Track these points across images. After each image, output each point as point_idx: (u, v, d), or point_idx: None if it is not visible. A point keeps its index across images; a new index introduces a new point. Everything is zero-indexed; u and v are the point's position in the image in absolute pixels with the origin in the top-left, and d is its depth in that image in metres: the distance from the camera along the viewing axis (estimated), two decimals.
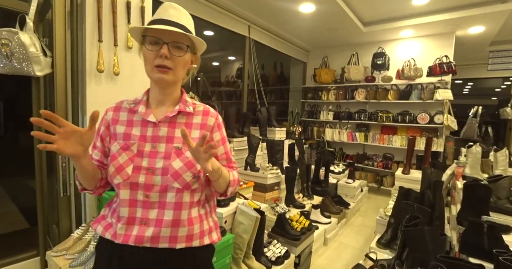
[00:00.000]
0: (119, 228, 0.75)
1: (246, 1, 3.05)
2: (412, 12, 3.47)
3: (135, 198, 0.74)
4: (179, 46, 0.75)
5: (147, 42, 0.74)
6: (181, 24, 0.76)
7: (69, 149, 0.65)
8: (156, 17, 0.76)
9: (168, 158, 0.75)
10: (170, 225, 0.75)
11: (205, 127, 0.82)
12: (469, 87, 8.29)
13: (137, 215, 0.75)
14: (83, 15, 1.44)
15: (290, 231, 1.88)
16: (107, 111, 0.83)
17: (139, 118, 0.79)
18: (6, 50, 1.16)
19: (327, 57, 4.76)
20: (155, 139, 0.77)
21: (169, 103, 0.81)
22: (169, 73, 0.75)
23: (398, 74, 4.04)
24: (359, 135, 4.36)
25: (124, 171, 0.74)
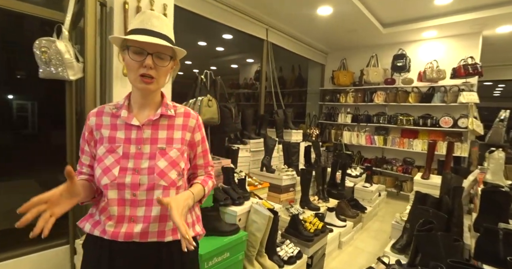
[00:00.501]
0: (109, 225, 0.78)
1: (264, 5, 3.11)
2: (435, 13, 3.38)
3: (123, 197, 0.78)
4: (162, 56, 0.77)
5: (131, 51, 0.75)
6: (164, 34, 0.77)
7: (66, 208, 0.68)
8: (139, 26, 0.76)
9: (153, 158, 0.79)
10: (157, 220, 0.79)
11: (187, 128, 0.86)
12: (500, 89, 7.86)
13: (125, 213, 0.78)
14: (111, 24, 1.56)
15: (303, 232, 1.90)
16: (89, 116, 0.84)
17: (122, 122, 0.81)
18: (45, 57, 1.29)
19: (345, 59, 4.72)
20: (139, 141, 0.80)
21: (150, 107, 0.84)
22: (153, 83, 0.77)
23: (420, 76, 3.93)
24: (378, 139, 4.28)
25: (110, 172, 0.77)
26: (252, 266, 1.55)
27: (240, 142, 2.76)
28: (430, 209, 1.54)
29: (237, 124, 2.35)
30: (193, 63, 6.18)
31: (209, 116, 1.93)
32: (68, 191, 0.68)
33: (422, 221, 1.37)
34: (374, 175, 4.23)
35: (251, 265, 1.55)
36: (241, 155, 2.59)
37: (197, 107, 1.89)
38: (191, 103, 1.96)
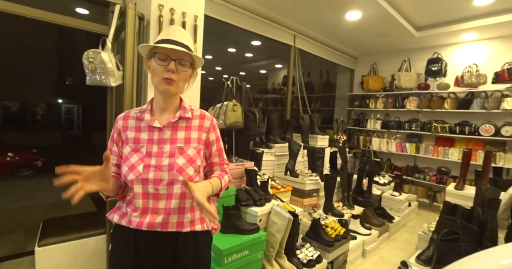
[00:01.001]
0: (134, 216, 0.87)
1: (291, 12, 3.17)
2: (475, 14, 3.19)
3: (147, 191, 0.87)
4: (183, 63, 0.88)
5: (157, 57, 0.86)
6: (185, 44, 0.89)
7: (94, 187, 0.76)
8: (165, 37, 0.89)
9: (172, 156, 0.88)
10: (176, 212, 0.88)
11: (202, 128, 0.95)
12: None
13: (149, 205, 0.87)
14: (147, 35, 1.73)
15: (323, 236, 1.91)
16: (117, 120, 0.95)
17: (145, 125, 0.92)
18: (92, 66, 1.47)
19: (376, 64, 4.61)
20: (160, 141, 0.90)
21: (170, 110, 0.94)
22: (173, 85, 0.88)
23: (457, 81, 3.71)
24: (410, 146, 4.09)
25: (136, 169, 0.86)
26: (271, 266, 1.59)
27: (265, 146, 2.82)
28: (458, 220, 1.48)
29: (261, 128, 2.42)
30: (223, 69, 6.40)
31: (234, 120, 2.02)
32: (100, 173, 0.77)
33: (447, 231, 1.32)
34: (404, 184, 4.04)
35: (270, 265, 1.59)
36: (265, 158, 2.65)
37: (223, 111, 1.99)
38: (218, 107, 2.07)
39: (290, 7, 3.03)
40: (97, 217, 2.08)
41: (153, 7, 1.68)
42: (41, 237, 1.69)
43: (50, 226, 1.85)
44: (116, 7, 1.60)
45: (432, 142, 4.03)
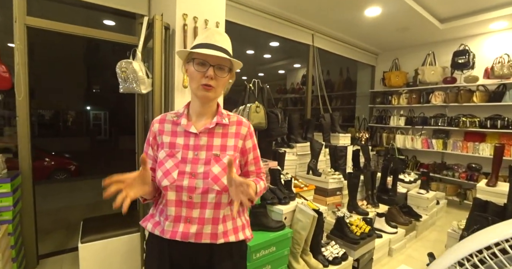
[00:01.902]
0: (167, 225, 0.85)
1: (309, 12, 3.19)
2: (504, 1, 3.04)
3: (180, 199, 0.84)
4: (222, 68, 0.84)
5: (195, 63, 0.83)
6: (225, 48, 0.85)
7: (138, 193, 0.77)
8: (204, 41, 0.85)
9: (208, 164, 0.85)
10: (210, 222, 0.85)
11: (239, 135, 0.92)
12: None
13: (182, 214, 0.84)
14: (173, 43, 1.82)
15: (348, 234, 1.91)
16: (153, 123, 0.93)
17: (181, 129, 0.89)
18: (124, 75, 1.59)
19: (397, 59, 4.49)
20: (196, 148, 0.87)
21: (207, 116, 0.91)
22: (211, 91, 0.84)
23: (487, 73, 3.55)
24: (436, 142, 3.95)
25: (170, 175, 0.83)
26: (297, 262, 1.63)
27: (287, 146, 2.85)
28: (490, 217, 1.44)
29: (283, 128, 2.46)
30: (242, 70, 6.48)
31: (257, 121, 2.08)
32: (140, 177, 0.77)
33: (477, 227, 1.29)
34: (432, 182, 3.91)
35: (296, 261, 1.63)
36: (288, 158, 2.69)
37: (246, 113, 2.05)
38: (241, 109, 2.14)
39: (308, 7, 3.04)
40: (130, 216, 2.21)
41: (178, 16, 1.78)
42: (82, 234, 1.84)
43: (90, 224, 2.00)
44: (144, 19, 1.71)
45: (460, 137, 3.87)
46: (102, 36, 2.10)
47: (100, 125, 15.62)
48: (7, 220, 1.74)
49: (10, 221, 1.75)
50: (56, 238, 2.70)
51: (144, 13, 2.37)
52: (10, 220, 1.75)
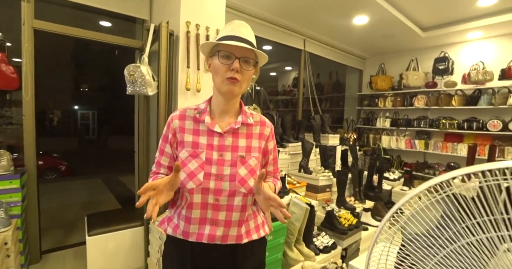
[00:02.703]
0: (192, 228, 0.83)
1: (301, 19, 3.37)
2: (479, 14, 3.31)
3: (206, 201, 0.82)
4: (248, 61, 0.81)
5: (221, 55, 0.80)
6: (250, 41, 0.83)
7: (166, 199, 0.76)
8: (229, 33, 0.82)
9: (234, 166, 0.83)
10: (237, 225, 0.84)
11: (262, 136, 0.91)
12: None
13: (207, 216, 0.83)
14: (177, 48, 1.95)
15: (337, 225, 2.09)
16: (172, 119, 0.87)
17: (204, 128, 0.85)
18: (132, 78, 1.71)
19: (384, 64, 4.74)
20: (221, 148, 0.84)
21: (231, 113, 0.88)
22: (237, 85, 0.81)
23: (464, 79, 3.82)
24: (419, 143, 4.21)
25: (196, 177, 0.80)
26: (291, 251, 1.78)
27: (280, 146, 3.01)
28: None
29: (278, 129, 2.62)
30: None
31: None
32: (171, 183, 0.74)
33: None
34: (415, 180, 4.16)
35: (290, 250, 1.79)
36: (281, 157, 2.85)
37: None
38: None
39: (300, 15, 3.22)
40: (132, 211, 2.32)
41: (182, 23, 1.91)
42: (89, 228, 1.94)
43: (94, 219, 2.10)
44: (151, 26, 1.83)
45: (441, 138, 4.14)
46: (106, 40, 2.21)
47: (88, 125, 15.38)
48: (16, 215, 1.83)
49: (19, 215, 1.84)
50: (55, 235, 2.77)
51: (145, 18, 2.49)
52: (19, 215, 1.84)
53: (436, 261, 0.51)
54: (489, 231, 0.44)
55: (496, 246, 0.44)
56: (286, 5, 2.96)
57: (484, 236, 0.45)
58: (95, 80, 13.20)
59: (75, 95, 13.50)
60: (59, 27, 2.01)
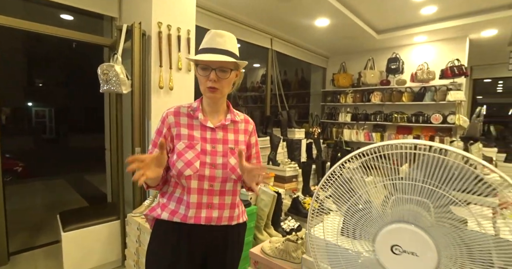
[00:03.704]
0: (190, 212, 0.92)
1: (268, 19, 3.54)
2: (423, 20, 3.74)
3: (202, 187, 0.93)
4: (224, 70, 0.90)
5: (199, 68, 0.91)
6: (226, 49, 0.90)
7: (153, 173, 0.82)
8: (205, 46, 0.91)
9: (225, 156, 0.95)
10: (229, 207, 0.97)
11: (247, 132, 1.05)
12: (501, 85, 8.07)
13: (203, 201, 0.93)
14: (149, 48, 2.03)
15: (302, 210, 2.33)
16: (168, 115, 0.97)
17: (198, 123, 0.97)
18: (106, 77, 1.76)
19: (345, 63, 5.11)
20: (214, 141, 0.96)
21: (219, 113, 1.01)
22: (217, 92, 0.92)
23: (412, 77, 4.29)
24: (376, 135, 4.65)
25: (193, 165, 0.90)
26: (261, 234, 1.98)
27: None
28: None
29: None
30: None
31: None
32: (158, 159, 0.83)
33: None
34: (373, 169, 4.59)
35: (260, 233, 1.98)
36: None
37: None
38: None
39: (267, 15, 3.40)
40: (106, 208, 2.36)
41: (154, 24, 1.98)
42: (63, 225, 1.96)
43: (68, 216, 2.11)
44: (124, 26, 1.88)
45: (393, 131, 4.61)
46: (73, 36, 2.19)
47: (44, 123, 14.29)
48: None
49: None
50: (21, 237, 2.70)
51: (114, 15, 2.49)
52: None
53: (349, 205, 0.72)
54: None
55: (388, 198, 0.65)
56: (254, 6, 3.11)
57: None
58: (51, 75, 12.30)
59: (29, 91, 12.46)
60: (22, 23, 1.96)
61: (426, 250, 0.55)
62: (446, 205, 0.57)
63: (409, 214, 0.60)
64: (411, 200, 0.60)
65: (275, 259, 1.31)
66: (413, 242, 0.57)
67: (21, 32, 1.91)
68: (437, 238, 0.55)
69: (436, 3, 3.17)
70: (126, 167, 0.77)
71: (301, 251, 1.29)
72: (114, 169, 2.51)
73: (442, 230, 0.56)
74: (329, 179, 0.75)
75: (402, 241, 0.59)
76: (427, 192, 0.58)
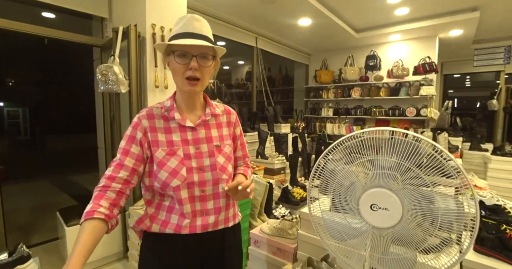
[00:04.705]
0: (185, 223, 0.83)
1: (253, 18, 3.68)
2: (397, 20, 4.01)
3: (193, 194, 0.83)
4: (206, 56, 0.80)
5: (176, 55, 0.78)
6: (205, 35, 0.81)
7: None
8: (181, 30, 0.79)
9: (212, 156, 0.86)
10: (224, 209, 0.89)
11: (231, 124, 0.95)
12: (468, 80, 8.67)
13: (196, 208, 0.84)
14: (144, 48, 2.11)
15: (291, 199, 2.52)
16: (140, 119, 0.84)
17: (175, 125, 0.85)
18: (105, 78, 1.84)
19: (326, 60, 5.34)
20: (196, 142, 0.85)
21: (197, 108, 0.90)
22: (198, 85, 0.82)
23: (389, 74, 4.59)
24: (356, 128, 4.93)
25: (179, 174, 0.80)
26: (255, 221, 2.15)
27: None
28: None
29: None
30: None
31: None
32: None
33: None
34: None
35: (255, 220, 2.15)
36: None
37: None
38: None
39: (253, 15, 3.53)
40: None
41: (148, 26, 2.07)
42: (66, 220, 2.03)
43: (68, 212, 2.18)
44: (120, 28, 1.96)
45: (373, 124, 4.91)
46: (61, 36, 2.22)
47: (18, 124, 13.64)
48: None
49: None
50: (15, 236, 2.72)
51: (104, 16, 2.54)
52: None
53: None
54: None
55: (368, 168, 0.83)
56: (241, 6, 3.23)
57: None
58: (23, 73, 11.74)
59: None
60: (11, 24, 1.97)
61: (395, 206, 0.75)
62: (410, 176, 0.75)
63: (383, 182, 0.79)
64: (384, 174, 0.79)
65: (273, 237, 1.48)
66: (385, 201, 0.76)
67: None
68: (402, 197, 0.75)
69: (409, 5, 3.44)
70: None
71: (295, 229, 1.46)
72: None
73: (405, 192, 0.75)
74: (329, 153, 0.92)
75: (378, 201, 0.77)
76: (395, 166, 0.77)
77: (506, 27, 4.29)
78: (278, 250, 1.45)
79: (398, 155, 0.77)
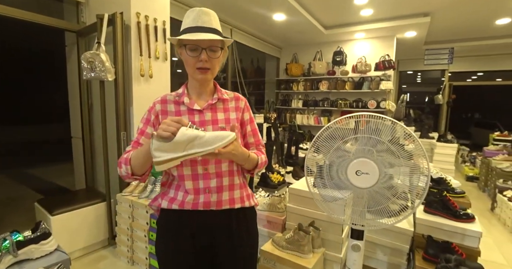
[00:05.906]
0: (188, 199, 0.88)
1: (228, 9, 3.74)
2: (362, 20, 4.36)
3: (196, 172, 0.88)
4: (214, 49, 0.86)
5: (188, 49, 0.85)
6: (214, 28, 0.86)
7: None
8: (191, 24, 0.85)
9: None
10: (228, 189, 0.91)
11: (239, 109, 0.98)
12: (419, 76, 9.60)
13: (200, 186, 0.88)
14: (129, 36, 2.12)
15: (270, 183, 2.73)
16: (155, 104, 0.94)
17: (185, 108, 0.92)
18: (92, 65, 1.83)
19: (296, 54, 5.59)
20: (202, 123, 0.91)
21: (206, 94, 0.96)
22: (208, 73, 0.89)
23: (353, 69, 4.98)
24: (323, 119, 5.30)
25: None
26: None
27: None
28: None
29: None
30: None
31: None
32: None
33: None
34: None
35: None
36: None
37: None
38: None
39: (228, 6, 3.60)
40: (83, 193, 2.43)
41: (133, 14, 2.07)
42: (48, 210, 2.01)
43: (49, 202, 2.13)
44: (105, 16, 1.94)
45: (338, 115, 5.30)
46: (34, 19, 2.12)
47: None
48: None
49: None
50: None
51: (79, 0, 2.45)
52: None
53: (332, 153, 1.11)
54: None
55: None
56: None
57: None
58: None
59: None
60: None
61: (373, 170, 1.00)
62: (382, 149, 0.98)
63: (364, 153, 1.01)
64: (365, 149, 1.01)
65: (264, 212, 1.67)
66: (367, 167, 1.00)
67: None
68: (378, 164, 0.99)
69: (372, 7, 3.78)
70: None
71: (283, 203, 1.66)
72: (87, 155, 2.56)
73: (380, 159, 0.98)
74: (319, 137, 1.10)
75: (361, 167, 1.00)
76: (373, 142, 0.99)
77: (451, 31, 4.90)
78: (268, 223, 1.64)
79: (375, 133, 0.99)
